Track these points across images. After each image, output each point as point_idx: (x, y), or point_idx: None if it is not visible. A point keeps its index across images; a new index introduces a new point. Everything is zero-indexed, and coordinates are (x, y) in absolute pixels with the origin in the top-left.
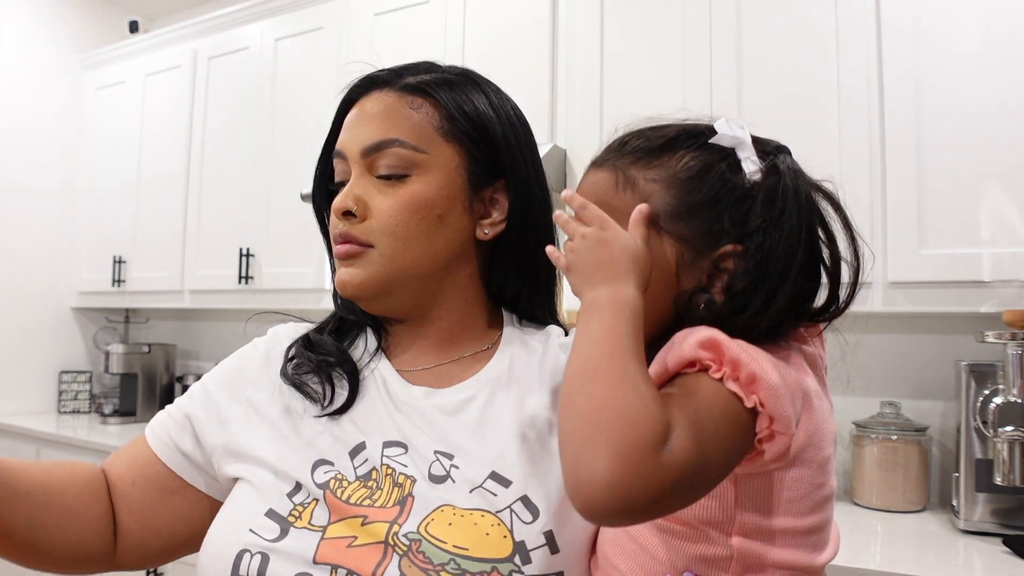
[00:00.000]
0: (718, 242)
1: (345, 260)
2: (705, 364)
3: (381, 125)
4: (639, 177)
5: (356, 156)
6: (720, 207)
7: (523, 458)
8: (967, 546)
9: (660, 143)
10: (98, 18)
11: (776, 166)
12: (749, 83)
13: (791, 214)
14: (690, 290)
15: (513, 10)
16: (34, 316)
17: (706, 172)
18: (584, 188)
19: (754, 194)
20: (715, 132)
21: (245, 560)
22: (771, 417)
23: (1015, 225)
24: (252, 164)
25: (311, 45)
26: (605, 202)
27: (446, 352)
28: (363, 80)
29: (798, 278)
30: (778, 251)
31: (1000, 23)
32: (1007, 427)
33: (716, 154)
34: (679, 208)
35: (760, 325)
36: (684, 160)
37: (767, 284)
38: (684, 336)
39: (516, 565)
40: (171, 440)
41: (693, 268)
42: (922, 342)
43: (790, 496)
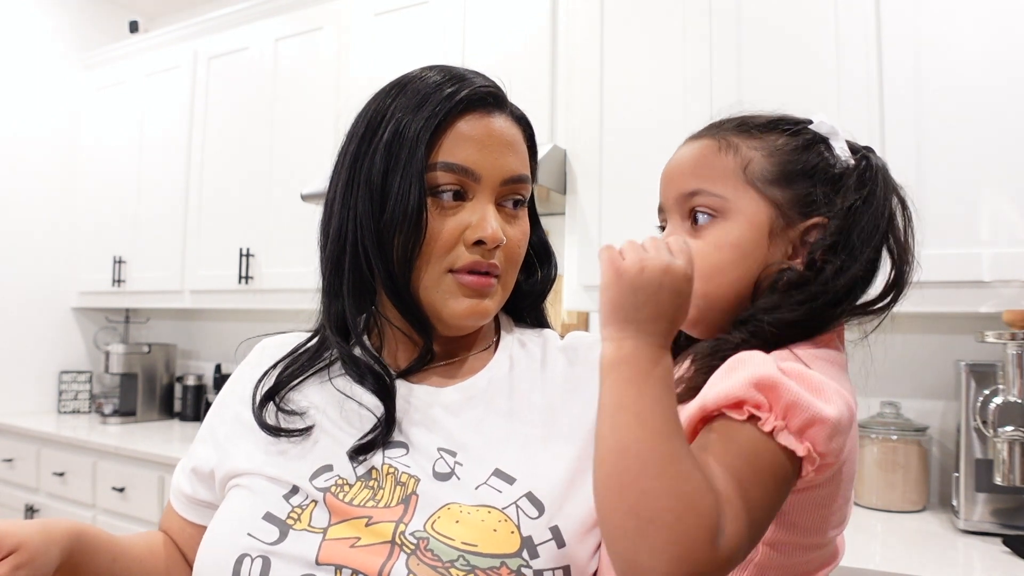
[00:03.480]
0: (809, 213)
1: (480, 290)
2: (754, 413)
3: (518, 157)
4: (742, 144)
5: (494, 182)
6: (814, 180)
7: (526, 455)
8: (967, 546)
9: (761, 122)
10: (98, 18)
11: (869, 157)
12: (749, 83)
13: (880, 198)
14: (775, 264)
15: (513, 10)
16: (34, 316)
17: (806, 147)
18: (682, 155)
19: (846, 176)
20: (811, 122)
21: (246, 565)
22: (821, 454)
23: (1015, 225)
24: (252, 164)
25: (311, 45)
26: (706, 163)
27: (448, 352)
28: (489, 96)
29: (870, 258)
30: (860, 228)
31: (1000, 23)
32: (1007, 427)
33: (813, 138)
34: (778, 174)
35: (830, 293)
36: (784, 137)
37: (841, 256)
38: (738, 365)
39: (524, 560)
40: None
41: (782, 236)
42: (922, 342)
43: (824, 513)
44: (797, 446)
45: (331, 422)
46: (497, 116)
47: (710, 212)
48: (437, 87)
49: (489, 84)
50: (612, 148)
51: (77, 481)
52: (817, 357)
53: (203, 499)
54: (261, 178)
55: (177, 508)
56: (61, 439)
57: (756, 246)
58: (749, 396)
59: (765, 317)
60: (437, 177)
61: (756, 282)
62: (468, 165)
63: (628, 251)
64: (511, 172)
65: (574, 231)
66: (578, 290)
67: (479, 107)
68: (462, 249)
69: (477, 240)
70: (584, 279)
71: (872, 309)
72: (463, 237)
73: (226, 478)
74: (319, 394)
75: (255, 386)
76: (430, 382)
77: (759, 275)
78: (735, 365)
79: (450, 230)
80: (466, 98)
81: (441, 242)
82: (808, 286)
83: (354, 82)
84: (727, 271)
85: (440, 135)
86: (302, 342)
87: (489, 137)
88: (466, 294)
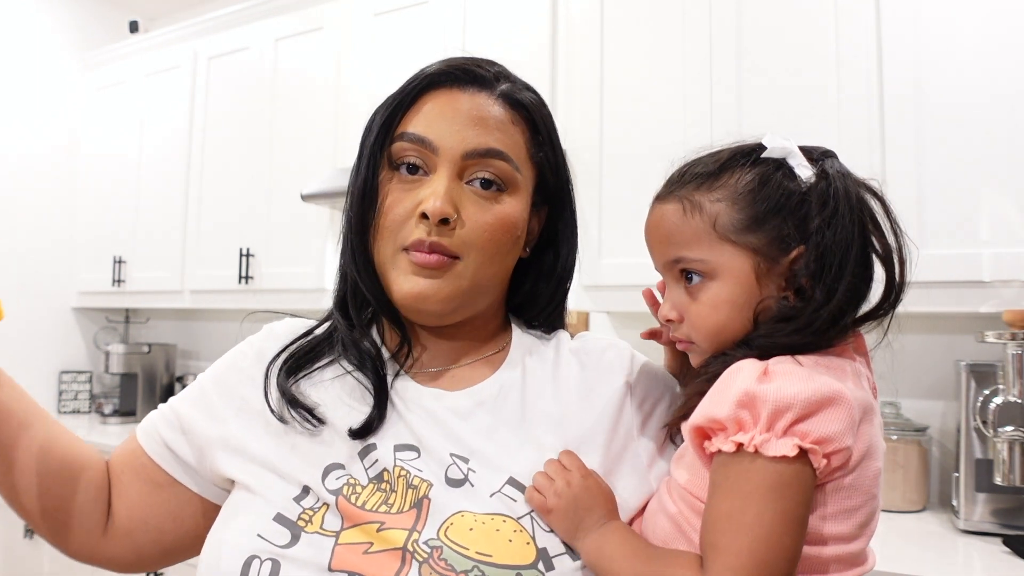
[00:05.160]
0: (788, 247)
1: (428, 270)
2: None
3: (491, 133)
4: (704, 200)
5: (455, 156)
6: (784, 213)
7: (540, 465)
8: (967, 546)
9: (716, 166)
10: (98, 18)
11: (825, 170)
12: (749, 83)
13: (843, 212)
14: (767, 299)
15: (513, 10)
16: (34, 316)
17: (765, 183)
18: (654, 223)
19: (809, 197)
20: (764, 147)
21: (255, 567)
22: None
23: (1015, 225)
24: (252, 164)
25: (311, 45)
26: (677, 231)
27: (459, 356)
28: (459, 70)
29: (855, 271)
30: (834, 247)
31: (1000, 22)
32: (1007, 427)
33: (770, 166)
34: (747, 220)
35: (822, 317)
36: (742, 176)
37: (827, 278)
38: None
39: (540, 571)
40: (158, 435)
41: (770, 276)
42: (922, 342)
43: (848, 505)
44: (785, 448)
45: (341, 412)
46: (470, 92)
47: (697, 273)
48: (414, 74)
49: (465, 62)
50: (612, 148)
51: None
52: (818, 363)
53: (182, 456)
54: (261, 178)
55: (147, 446)
56: None
57: (748, 295)
58: (731, 417)
59: (763, 341)
60: (397, 149)
61: (755, 318)
62: (425, 135)
63: (544, 487)
64: (475, 145)
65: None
66: (578, 290)
67: (446, 83)
68: (412, 224)
69: (422, 213)
70: (584, 279)
71: (876, 314)
72: (415, 212)
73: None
74: (331, 383)
75: (265, 371)
76: (437, 385)
77: (756, 312)
78: (726, 380)
79: (404, 204)
80: (432, 73)
81: (393, 216)
82: (799, 317)
83: (354, 82)
84: (729, 325)
85: (406, 110)
86: (311, 327)
87: (452, 110)
88: (415, 272)
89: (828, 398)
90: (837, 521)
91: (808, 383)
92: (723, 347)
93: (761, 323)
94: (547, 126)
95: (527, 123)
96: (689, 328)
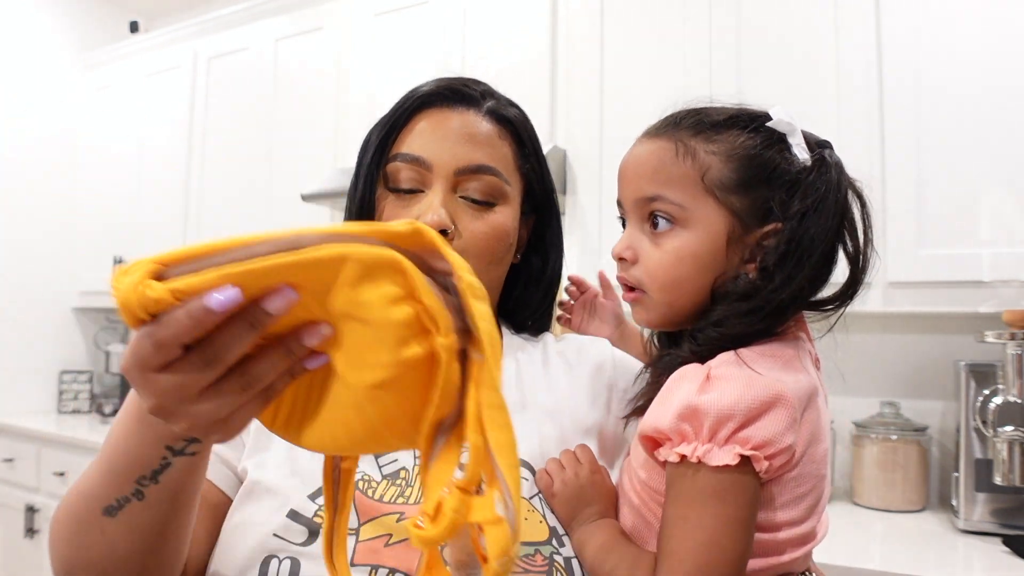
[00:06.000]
0: (765, 219)
1: None
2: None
3: (481, 149)
4: (699, 148)
5: (448, 172)
6: (772, 186)
7: (541, 450)
8: (967, 546)
9: (720, 119)
10: (98, 18)
11: (824, 158)
12: (749, 84)
13: (830, 204)
14: (730, 271)
15: (513, 10)
16: (34, 316)
17: (764, 150)
18: (639, 155)
19: (801, 179)
20: (769, 117)
21: (273, 566)
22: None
23: (1014, 225)
24: (252, 164)
25: (311, 45)
26: (664, 169)
27: None
28: (448, 91)
29: (819, 264)
30: (810, 235)
31: (1000, 24)
32: (1007, 427)
33: (771, 137)
34: (736, 181)
35: (775, 302)
36: (742, 138)
37: (791, 263)
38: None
39: (555, 547)
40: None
41: (739, 243)
42: (922, 342)
43: (798, 492)
44: (727, 458)
45: None
46: (460, 111)
47: (669, 218)
48: (405, 94)
49: (454, 82)
50: (612, 148)
51: None
52: (764, 355)
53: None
54: (261, 178)
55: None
56: (61, 439)
57: (714, 256)
58: (673, 430)
59: (713, 332)
60: (393, 169)
61: (712, 288)
62: (417, 153)
63: (554, 472)
64: (466, 161)
65: (574, 231)
66: None
67: (436, 103)
68: None
69: None
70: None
71: (825, 308)
72: None
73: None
74: None
75: None
76: None
77: (715, 282)
78: (671, 387)
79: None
80: (423, 95)
81: None
82: (756, 297)
83: (354, 82)
84: (687, 281)
85: (398, 132)
86: None
87: (443, 128)
88: None
89: (767, 403)
90: (788, 508)
91: (748, 389)
92: (672, 308)
93: (719, 299)
94: (532, 139)
95: (513, 137)
96: (643, 273)
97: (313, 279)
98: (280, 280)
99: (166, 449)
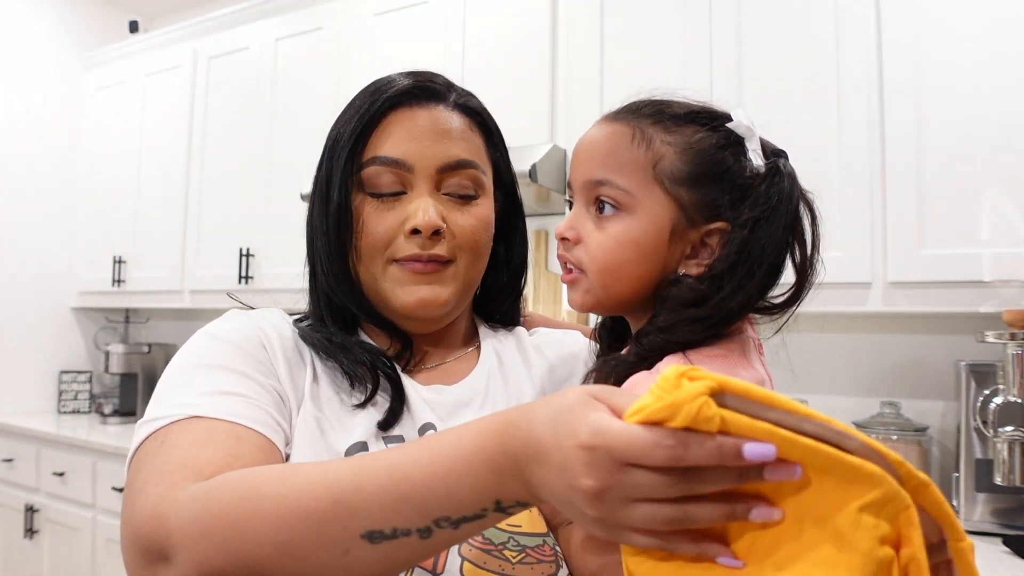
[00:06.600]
0: (711, 217)
1: (426, 276)
2: None
3: (457, 144)
4: (656, 137)
5: (430, 171)
6: (722, 185)
7: None
8: None
9: (681, 112)
10: (98, 18)
11: (778, 167)
12: (749, 84)
13: (781, 214)
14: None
15: (513, 10)
16: (34, 316)
17: (719, 150)
18: (593, 137)
19: (753, 185)
20: (731, 119)
21: None
22: None
23: (1015, 225)
24: (252, 164)
25: (311, 45)
26: (616, 153)
27: (444, 353)
28: (416, 89)
29: (768, 273)
30: (761, 244)
31: (1000, 23)
32: (1007, 427)
33: (728, 138)
34: (687, 175)
35: (725, 309)
36: (700, 134)
37: (742, 271)
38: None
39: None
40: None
41: (683, 237)
42: (922, 342)
43: None
44: None
45: None
46: (430, 107)
47: (615, 204)
48: (374, 88)
49: (423, 78)
50: None
51: (77, 481)
52: (711, 355)
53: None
54: (261, 178)
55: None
56: (61, 439)
57: (656, 246)
58: None
59: (658, 338)
60: (372, 173)
61: (655, 286)
62: (397, 156)
63: None
64: (447, 158)
65: None
66: None
67: (406, 102)
68: (402, 240)
69: (413, 229)
70: None
71: (770, 312)
72: (403, 228)
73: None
74: None
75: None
76: (437, 381)
77: (658, 279)
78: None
79: (389, 224)
80: (394, 94)
81: (378, 236)
82: (705, 305)
83: (354, 82)
84: (626, 268)
85: (371, 132)
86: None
87: (417, 127)
88: (413, 281)
89: None
90: None
91: None
92: (607, 292)
93: (662, 300)
94: (496, 127)
95: (481, 127)
96: (584, 254)
97: (831, 479)
98: (801, 458)
99: (494, 503)
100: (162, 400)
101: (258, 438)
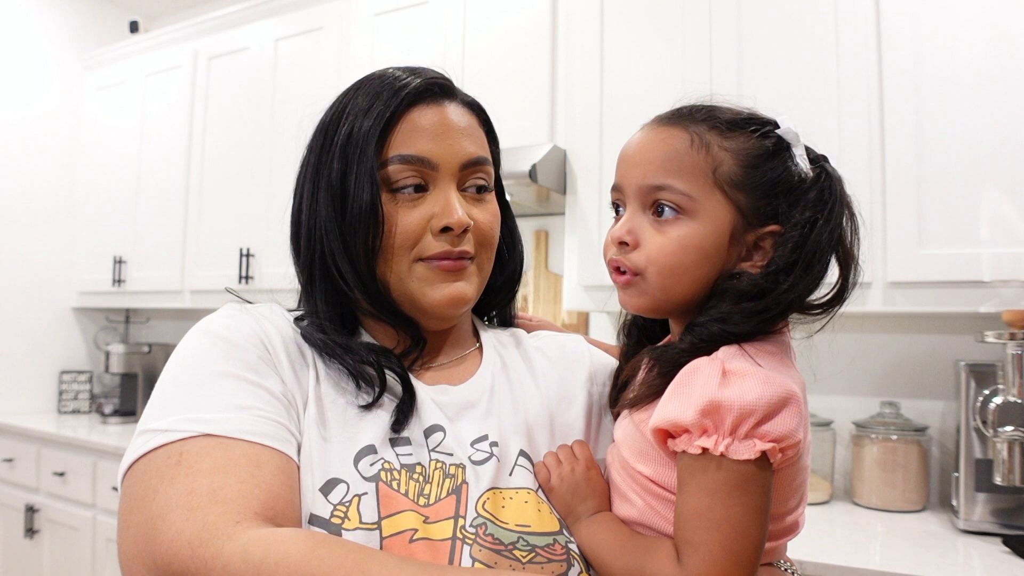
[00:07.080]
0: (766, 221)
1: (455, 274)
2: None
3: (474, 141)
4: (714, 143)
5: (454, 168)
6: (777, 190)
7: (541, 440)
8: (967, 546)
9: (733, 119)
10: (98, 18)
11: (827, 170)
12: (749, 85)
13: (838, 214)
14: (728, 267)
15: (513, 10)
16: (34, 316)
17: (773, 156)
18: (650, 142)
19: (805, 188)
20: (778, 126)
21: None
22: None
23: (1014, 225)
24: (252, 164)
25: (311, 45)
26: (676, 158)
27: (447, 352)
28: (434, 87)
29: (821, 271)
30: (819, 243)
31: (1000, 23)
32: (1007, 427)
33: (779, 144)
34: (745, 180)
35: (784, 303)
36: (754, 140)
37: (800, 268)
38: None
39: (567, 536)
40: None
41: (740, 239)
42: (922, 342)
43: (795, 483)
44: (748, 453)
45: None
46: (447, 104)
47: (676, 208)
48: (386, 85)
49: (436, 76)
50: (612, 148)
51: (77, 481)
52: (764, 351)
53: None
54: (261, 178)
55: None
56: (61, 439)
57: (717, 249)
58: (695, 424)
59: (715, 327)
60: (394, 171)
61: (713, 283)
62: (423, 155)
63: (552, 466)
64: (468, 156)
65: (574, 231)
66: (578, 290)
67: (426, 98)
68: (429, 238)
69: (444, 227)
70: (584, 279)
71: (814, 312)
72: (429, 226)
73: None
74: None
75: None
76: (443, 381)
77: (717, 277)
78: (685, 381)
79: (415, 222)
80: (413, 91)
81: (406, 235)
82: (762, 299)
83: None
84: (689, 271)
85: (391, 130)
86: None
87: (441, 125)
88: (442, 279)
89: (784, 399)
90: (786, 498)
91: (767, 386)
92: (666, 294)
93: (720, 295)
94: (491, 123)
95: (482, 123)
96: (643, 258)
97: None
98: None
99: None
100: (168, 407)
101: (277, 458)
